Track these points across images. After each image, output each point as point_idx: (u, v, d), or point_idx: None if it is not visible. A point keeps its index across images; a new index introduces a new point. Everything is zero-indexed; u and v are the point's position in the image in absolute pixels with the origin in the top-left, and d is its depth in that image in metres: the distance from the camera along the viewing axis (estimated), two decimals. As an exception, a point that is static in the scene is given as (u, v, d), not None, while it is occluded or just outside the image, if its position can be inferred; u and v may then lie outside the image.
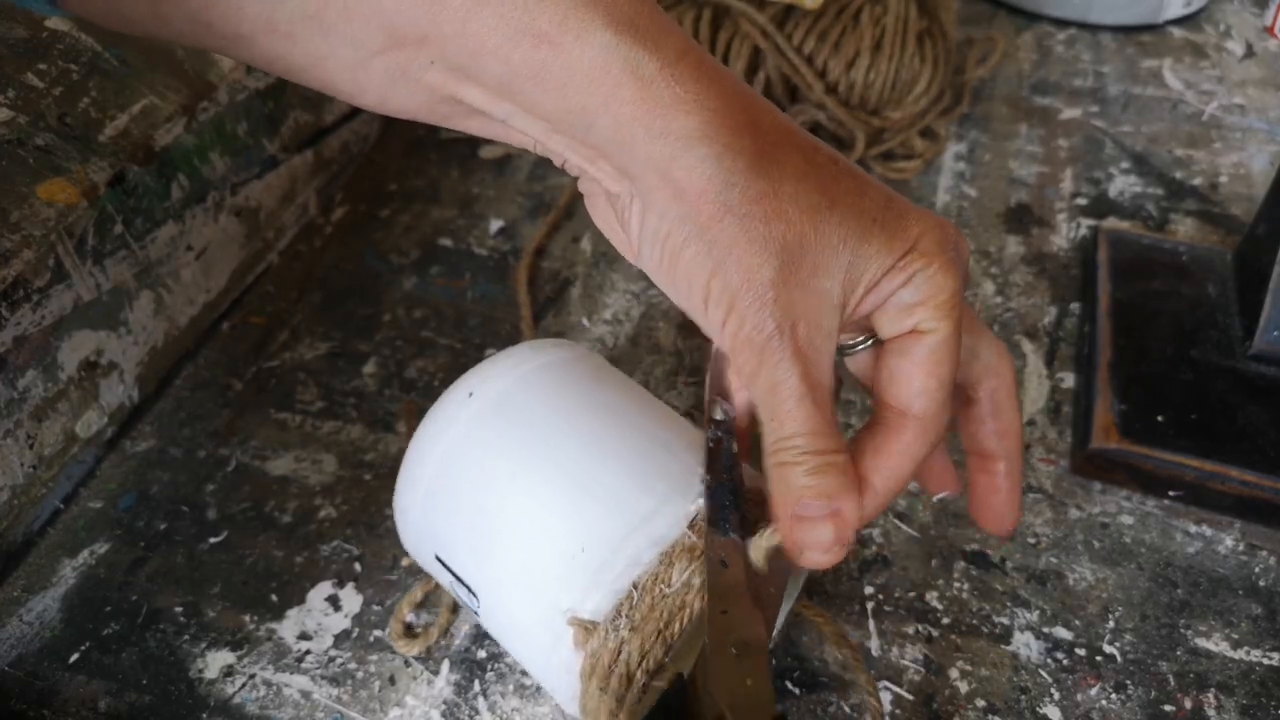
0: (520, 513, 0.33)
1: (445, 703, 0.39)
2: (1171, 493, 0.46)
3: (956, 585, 0.43)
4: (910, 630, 0.41)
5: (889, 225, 0.28)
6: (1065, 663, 0.40)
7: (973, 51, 0.73)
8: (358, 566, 0.44)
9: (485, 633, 0.41)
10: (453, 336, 0.55)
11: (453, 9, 0.26)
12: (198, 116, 0.52)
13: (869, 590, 0.43)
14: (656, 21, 0.27)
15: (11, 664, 0.41)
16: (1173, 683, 0.40)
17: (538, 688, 0.40)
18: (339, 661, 0.41)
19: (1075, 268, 0.58)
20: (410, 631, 0.42)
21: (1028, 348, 0.54)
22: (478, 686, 0.40)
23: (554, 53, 0.26)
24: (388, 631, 0.41)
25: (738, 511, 0.31)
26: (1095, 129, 0.70)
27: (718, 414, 0.33)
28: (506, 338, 0.55)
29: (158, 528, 0.46)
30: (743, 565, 0.30)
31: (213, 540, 0.45)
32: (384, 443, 0.49)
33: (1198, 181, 0.65)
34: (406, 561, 0.44)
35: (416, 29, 0.26)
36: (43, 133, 0.46)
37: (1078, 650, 0.41)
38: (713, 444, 0.33)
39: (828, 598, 0.42)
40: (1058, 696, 0.39)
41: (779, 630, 0.39)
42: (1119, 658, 0.40)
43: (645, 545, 0.31)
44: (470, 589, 0.35)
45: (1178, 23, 0.82)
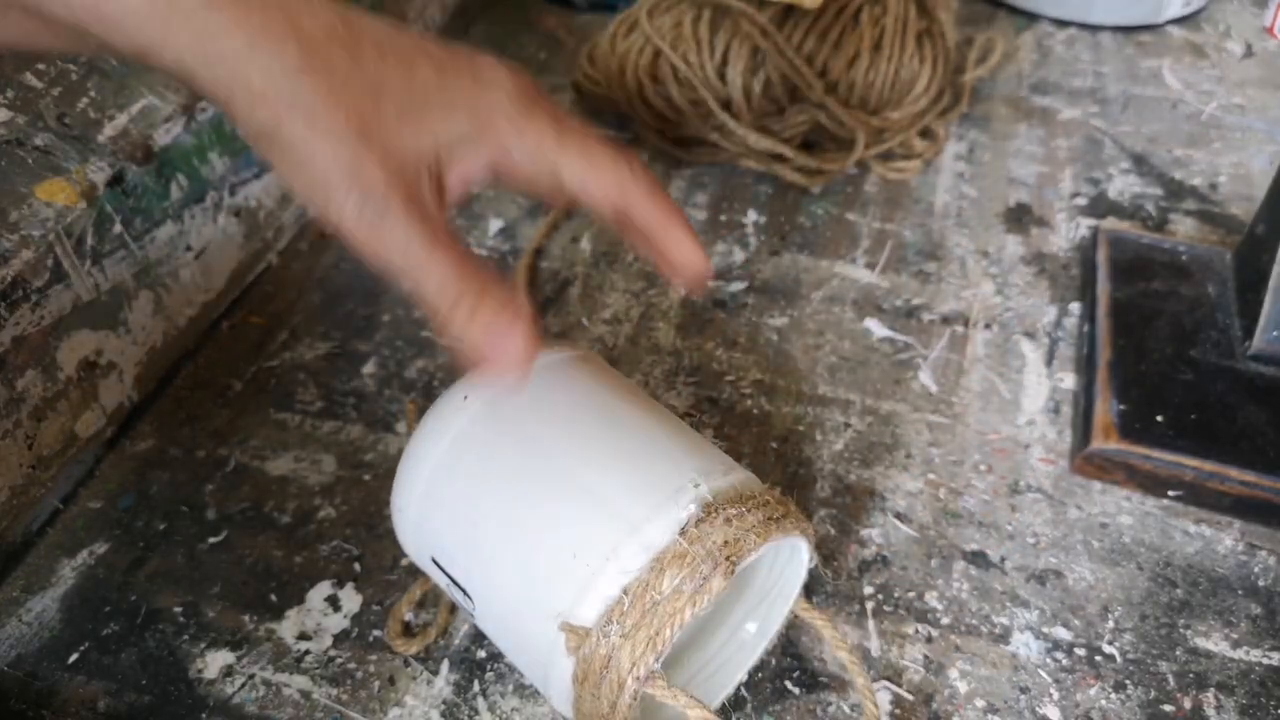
0: (514, 517, 0.33)
1: (445, 703, 0.39)
2: (1171, 493, 0.46)
3: (956, 585, 0.43)
4: (910, 630, 0.41)
5: (445, 94, 0.31)
6: (1065, 663, 0.40)
7: (972, 51, 0.73)
8: (357, 566, 0.44)
9: (485, 633, 0.41)
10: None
11: None
12: (196, 116, 0.52)
13: (868, 590, 0.43)
14: None
15: (11, 664, 0.41)
16: (1172, 682, 0.40)
17: (536, 688, 0.40)
18: (338, 661, 0.41)
19: (1075, 268, 0.58)
20: (409, 631, 0.42)
21: (1027, 348, 0.54)
22: (477, 686, 0.40)
23: None
24: (385, 631, 0.41)
25: None
26: (1095, 129, 0.70)
27: None
28: (506, 338, 0.55)
29: (157, 528, 0.46)
30: None
31: (212, 540, 0.45)
32: (384, 443, 0.49)
33: (1197, 181, 0.65)
34: (406, 561, 0.44)
35: None
36: (41, 133, 0.46)
37: (1077, 650, 0.41)
38: None
39: (827, 597, 0.42)
40: (1057, 696, 0.39)
41: (777, 630, 0.39)
42: (1118, 657, 0.40)
43: (637, 552, 0.31)
44: (466, 592, 0.35)
45: (1177, 23, 0.82)
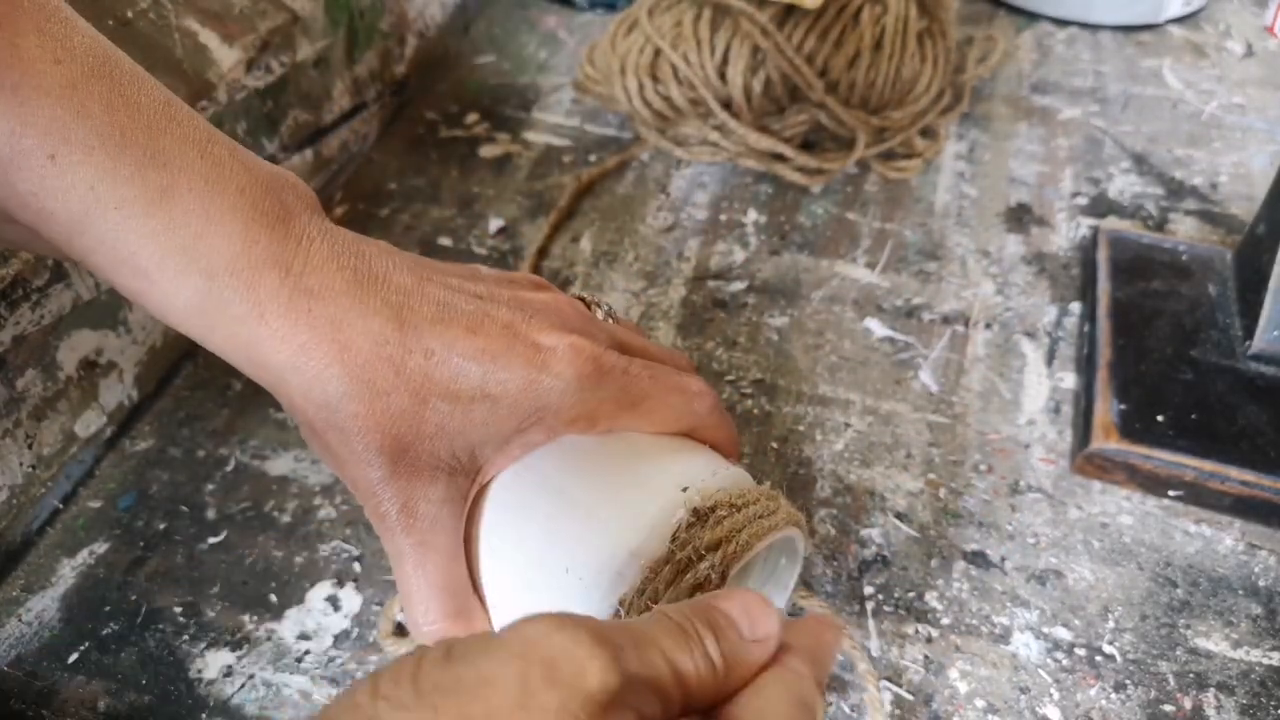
0: (506, 532, 0.33)
1: (445, 703, 0.39)
2: (1171, 492, 0.46)
3: (956, 585, 0.43)
4: (910, 630, 0.41)
5: (490, 397, 0.31)
6: (1065, 663, 0.40)
7: (973, 51, 0.73)
8: (357, 566, 0.44)
9: (485, 633, 0.41)
10: (452, 336, 0.55)
11: (59, 225, 0.27)
12: (197, 116, 0.51)
13: (869, 590, 0.43)
14: (253, 261, 0.28)
15: (10, 664, 0.41)
16: (1172, 682, 0.40)
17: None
18: (338, 662, 0.41)
19: (1075, 267, 0.58)
20: (401, 630, 0.41)
21: (1027, 347, 0.54)
22: (477, 686, 0.40)
23: (149, 288, 0.28)
24: (377, 630, 0.41)
25: None
26: (1095, 128, 0.70)
27: None
28: (506, 337, 0.55)
29: (157, 527, 0.46)
30: None
31: (212, 540, 0.45)
32: (383, 442, 0.49)
33: (1198, 181, 0.65)
34: (406, 561, 0.44)
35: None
36: (42, 132, 0.46)
37: (1077, 650, 0.41)
38: None
39: (827, 597, 0.42)
40: (1057, 696, 0.39)
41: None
42: (1119, 658, 0.40)
43: (628, 562, 0.31)
44: None
45: (1177, 22, 0.82)
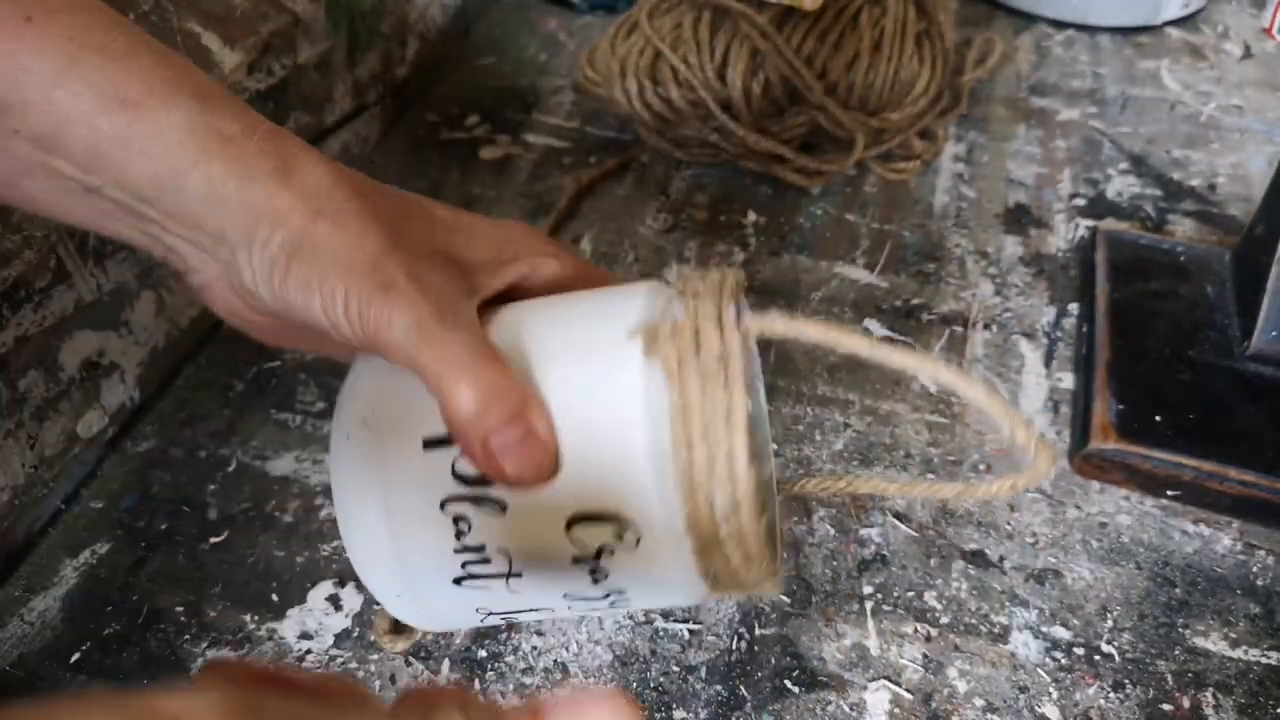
0: (526, 329, 0.31)
1: (446, 702, 0.39)
2: (1169, 492, 0.46)
3: (955, 584, 0.43)
4: (909, 629, 0.42)
5: (465, 222, 0.33)
6: (1064, 662, 0.40)
7: (971, 53, 0.73)
8: (358, 566, 0.44)
9: (484, 631, 0.41)
10: (453, 337, 0.55)
11: (37, 77, 0.27)
12: (198, 117, 0.52)
13: (868, 590, 0.43)
14: (234, 100, 0.30)
15: (13, 664, 0.41)
16: (1171, 682, 0.40)
17: (538, 686, 0.40)
18: (340, 661, 0.41)
19: (1073, 268, 0.59)
20: (398, 628, 0.41)
21: (1026, 348, 0.54)
22: (478, 685, 0.40)
23: (140, 117, 0.28)
24: (373, 629, 0.41)
25: None
26: (1093, 130, 0.70)
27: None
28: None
29: (159, 528, 0.46)
30: None
31: (214, 540, 0.45)
32: (384, 443, 0.49)
33: (1196, 182, 0.65)
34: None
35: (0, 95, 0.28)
36: (44, 134, 0.46)
37: (1076, 649, 0.41)
38: None
39: (827, 597, 0.43)
40: (1056, 696, 0.39)
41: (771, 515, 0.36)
42: (1117, 657, 0.41)
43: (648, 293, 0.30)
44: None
45: (1176, 24, 0.82)
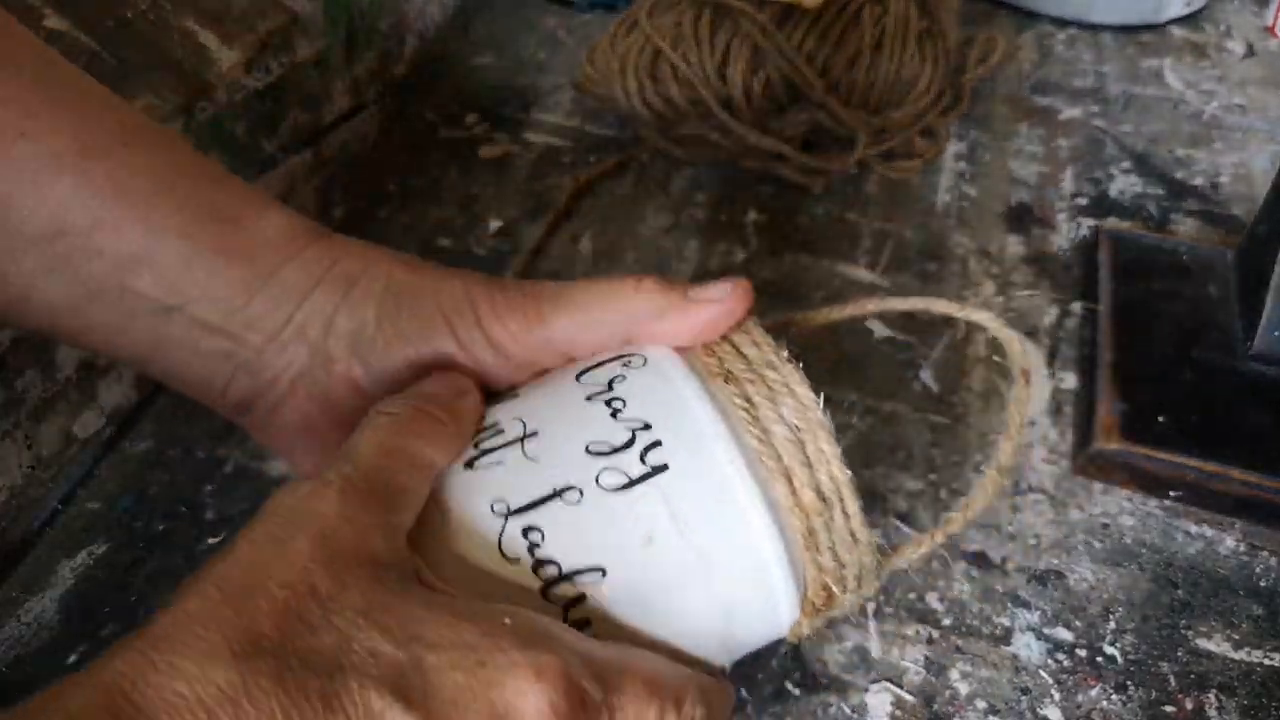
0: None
1: (444, 704, 0.39)
2: (1172, 493, 0.46)
3: (957, 586, 0.43)
4: (911, 631, 0.41)
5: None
6: (1066, 663, 0.40)
7: (973, 51, 0.73)
8: (357, 567, 0.44)
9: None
10: (452, 336, 0.55)
11: (134, 195, 0.28)
12: (196, 116, 0.51)
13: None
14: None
15: (9, 665, 0.40)
16: (1174, 683, 0.40)
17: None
18: (338, 662, 0.41)
19: (1076, 268, 0.58)
20: None
21: (1029, 348, 0.53)
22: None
23: (239, 227, 0.29)
24: None
25: None
26: (1096, 129, 0.70)
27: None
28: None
29: (156, 528, 0.46)
30: None
31: (211, 541, 0.45)
32: (383, 443, 0.49)
33: (1198, 181, 0.65)
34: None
35: (88, 215, 0.28)
36: (41, 132, 0.46)
37: (1078, 651, 0.41)
38: None
39: (828, 598, 0.42)
40: (1058, 697, 0.39)
41: None
42: (1120, 658, 0.40)
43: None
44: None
45: (1178, 22, 0.81)
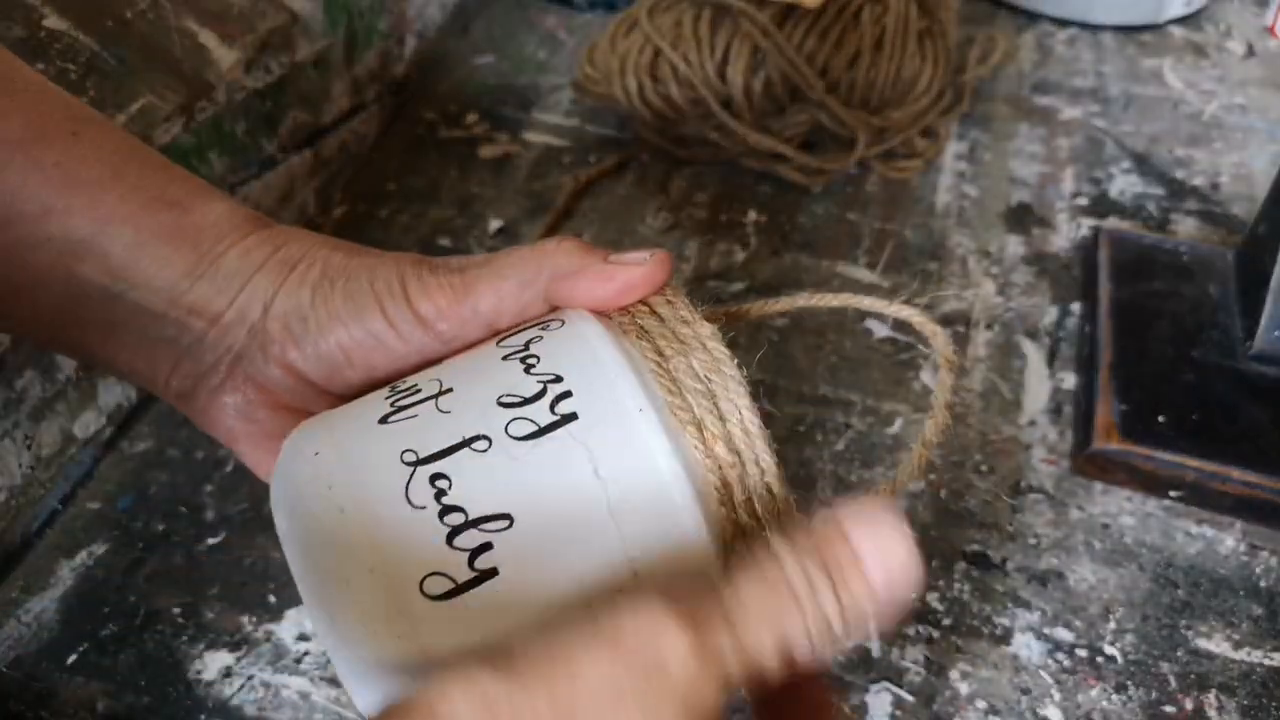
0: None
1: (444, 704, 0.39)
2: (1173, 493, 0.46)
3: (957, 586, 0.43)
4: (911, 631, 0.41)
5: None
6: (1066, 664, 0.40)
7: (973, 51, 0.73)
8: (356, 567, 0.44)
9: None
10: (452, 336, 0.55)
11: (86, 184, 0.29)
12: (196, 116, 0.51)
13: (869, 591, 0.43)
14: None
15: (9, 665, 0.40)
16: (1174, 683, 0.40)
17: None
18: (338, 663, 0.41)
19: (1076, 268, 0.58)
20: None
21: (1029, 348, 0.53)
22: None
23: (187, 212, 0.30)
24: None
25: None
26: (1096, 129, 0.70)
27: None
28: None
29: (156, 528, 0.46)
30: None
31: (211, 541, 0.45)
32: (383, 443, 0.49)
33: (1199, 181, 0.65)
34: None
35: (38, 203, 0.29)
36: (41, 132, 0.46)
37: (1079, 651, 0.41)
38: None
39: (828, 599, 0.42)
40: (1059, 698, 0.39)
41: None
42: (1120, 658, 0.40)
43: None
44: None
45: (1178, 22, 0.81)
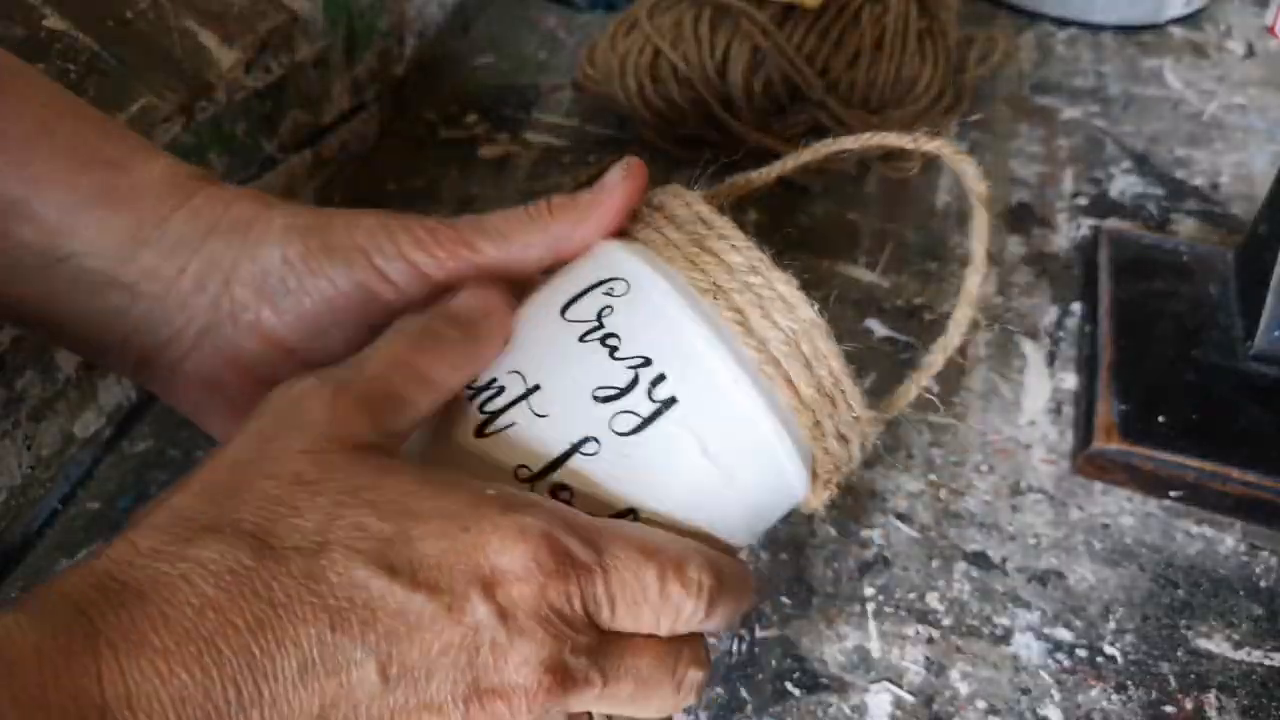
0: None
1: (444, 704, 0.39)
2: (1173, 493, 0.46)
3: (957, 586, 0.43)
4: (911, 631, 0.41)
5: None
6: (1066, 664, 0.40)
7: (973, 51, 0.73)
8: (356, 567, 0.44)
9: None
10: (452, 336, 0.55)
11: (12, 141, 0.27)
12: (196, 116, 0.51)
13: (869, 591, 0.43)
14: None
15: (9, 665, 0.40)
16: (1174, 684, 0.40)
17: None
18: (337, 663, 0.41)
19: (1076, 268, 0.58)
20: None
21: (1029, 348, 0.53)
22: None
23: (122, 174, 0.28)
24: None
25: None
26: (1096, 129, 0.70)
27: None
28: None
29: (156, 528, 0.45)
30: None
31: (211, 541, 0.45)
32: (383, 443, 0.49)
33: (1199, 181, 0.65)
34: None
35: None
36: (41, 132, 0.46)
37: (1079, 651, 0.41)
38: None
39: (827, 598, 0.42)
40: (1058, 698, 0.39)
41: None
42: (1120, 659, 0.40)
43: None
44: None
45: (1178, 22, 0.81)
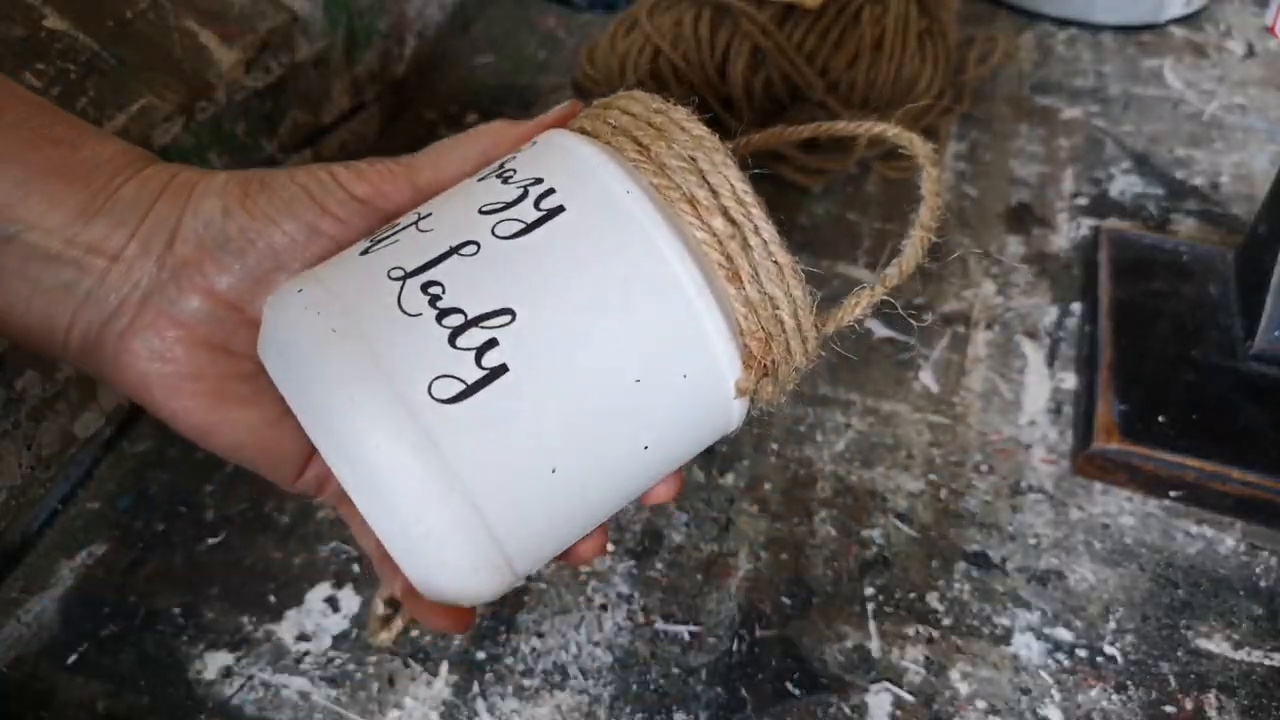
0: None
1: (444, 704, 0.39)
2: (1173, 493, 0.46)
3: (957, 586, 0.43)
4: (911, 631, 0.41)
5: None
6: (1066, 664, 0.40)
7: (973, 51, 0.73)
8: (356, 567, 0.44)
9: (483, 633, 0.41)
10: (452, 336, 0.55)
11: None
12: (196, 116, 0.51)
13: (869, 591, 0.43)
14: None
15: (10, 665, 0.40)
16: (1174, 683, 0.40)
17: (537, 689, 0.40)
18: (337, 662, 0.41)
19: (1076, 268, 0.58)
20: (387, 622, 0.41)
21: (1029, 348, 0.53)
22: (476, 688, 0.40)
23: (73, 151, 0.29)
24: (366, 625, 0.41)
25: None
26: (1096, 129, 0.70)
27: None
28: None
29: (156, 528, 0.46)
30: None
31: (211, 541, 0.45)
32: (383, 443, 0.49)
33: (1199, 181, 0.65)
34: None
35: None
36: (41, 132, 0.46)
37: (1079, 651, 0.41)
38: None
39: (828, 598, 0.42)
40: (1059, 698, 0.39)
41: None
42: (1120, 659, 0.40)
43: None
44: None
45: (1178, 22, 0.81)
